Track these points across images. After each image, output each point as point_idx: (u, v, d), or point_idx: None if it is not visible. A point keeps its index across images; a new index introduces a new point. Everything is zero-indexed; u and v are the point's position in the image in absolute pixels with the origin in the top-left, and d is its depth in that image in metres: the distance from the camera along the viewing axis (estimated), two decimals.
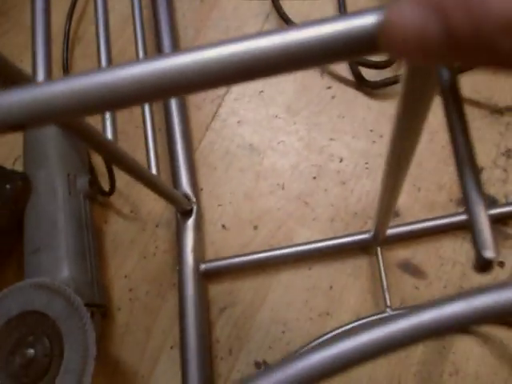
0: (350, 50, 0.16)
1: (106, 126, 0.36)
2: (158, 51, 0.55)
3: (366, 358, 0.15)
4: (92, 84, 0.18)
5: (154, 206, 0.53)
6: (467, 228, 0.50)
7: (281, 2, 0.56)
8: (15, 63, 0.56)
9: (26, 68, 0.27)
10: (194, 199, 0.50)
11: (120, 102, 0.18)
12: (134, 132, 0.55)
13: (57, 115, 0.18)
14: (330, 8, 0.57)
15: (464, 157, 0.14)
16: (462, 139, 0.15)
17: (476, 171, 0.14)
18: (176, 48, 0.56)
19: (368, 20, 0.16)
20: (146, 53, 0.46)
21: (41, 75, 0.26)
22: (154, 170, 0.43)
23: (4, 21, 0.61)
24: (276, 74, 0.17)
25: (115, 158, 0.36)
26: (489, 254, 0.13)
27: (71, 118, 0.19)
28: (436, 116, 0.52)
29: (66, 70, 0.56)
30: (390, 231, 0.48)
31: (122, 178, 0.52)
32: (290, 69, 0.17)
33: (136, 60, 0.18)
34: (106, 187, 0.52)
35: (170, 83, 0.18)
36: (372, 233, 0.46)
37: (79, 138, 0.31)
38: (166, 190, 0.45)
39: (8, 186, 0.47)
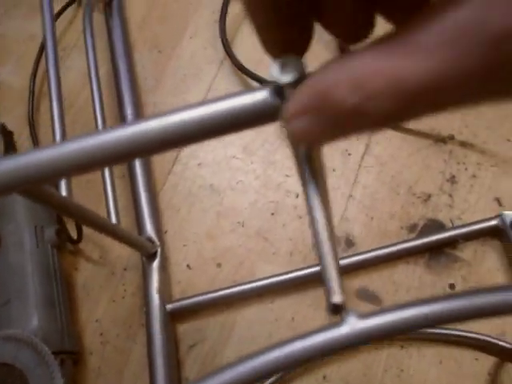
0: (252, 120, 0.19)
1: (61, 183, 0.38)
2: (119, 105, 0.58)
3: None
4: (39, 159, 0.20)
5: (121, 249, 0.55)
6: (419, 254, 0.52)
7: (233, 50, 0.60)
8: None
9: None
10: (157, 242, 0.52)
11: (65, 172, 0.21)
12: (99, 179, 0.57)
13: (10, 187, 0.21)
14: None
15: (316, 207, 0.17)
16: (316, 201, 0.17)
17: (329, 220, 0.17)
18: (136, 99, 0.59)
19: (262, 95, 0.18)
20: (102, 109, 0.49)
21: None
22: (113, 220, 0.45)
23: None
24: (199, 140, 0.20)
25: (71, 213, 0.38)
26: (336, 299, 0.15)
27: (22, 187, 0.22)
28: (385, 148, 0.56)
29: (32, 125, 0.59)
30: (345, 261, 0.50)
31: None
32: (208, 137, 0.20)
33: (81, 136, 0.21)
34: (75, 233, 0.54)
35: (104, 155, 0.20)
36: None
37: (34, 200, 0.34)
38: (128, 237, 0.47)
39: None
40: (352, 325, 0.15)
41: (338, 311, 0.15)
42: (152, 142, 0.20)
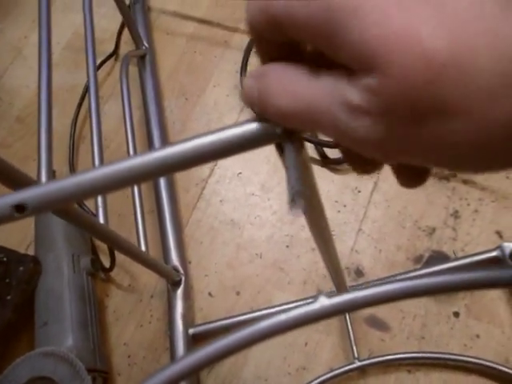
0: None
1: (99, 211, 0.44)
2: (150, 146, 0.64)
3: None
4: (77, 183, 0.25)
5: (148, 278, 0.60)
6: None
7: None
8: (30, 161, 0.65)
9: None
10: (182, 271, 0.57)
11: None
12: (130, 214, 0.63)
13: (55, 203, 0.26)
14: None
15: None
16: None
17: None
18: (165, 140, 0.65)
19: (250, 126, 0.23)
20: (135, 148, 0.55)
21: (43, 176, 0.35)
22: (143, 247, 0.50)
23: (20, 128, 0.71)
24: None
25: (107, 238, 0.44)
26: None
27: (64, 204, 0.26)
28: (391, 185, 0.60)
29: (72, 165, 0.65)
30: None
31: (121, 254, 0.59)
32: None
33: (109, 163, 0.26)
34: (108, 263, 0.59)
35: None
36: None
37: (76, 225, 0.39)
38: (155, 265, 0.52)
39: (21, 268, 0.54)
40: (322, 302, 0.20)
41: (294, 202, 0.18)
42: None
